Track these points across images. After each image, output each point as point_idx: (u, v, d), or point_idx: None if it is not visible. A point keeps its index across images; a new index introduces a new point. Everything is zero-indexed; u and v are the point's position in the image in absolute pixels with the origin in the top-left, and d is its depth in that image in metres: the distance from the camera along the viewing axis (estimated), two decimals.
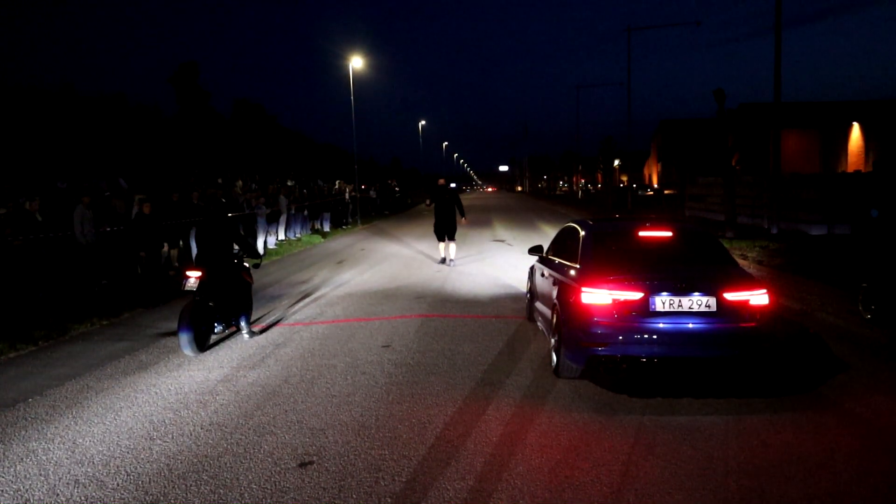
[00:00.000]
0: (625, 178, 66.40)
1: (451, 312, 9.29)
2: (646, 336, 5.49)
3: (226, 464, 4.45)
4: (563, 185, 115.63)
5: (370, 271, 13.75)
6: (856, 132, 44.12)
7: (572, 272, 6.26)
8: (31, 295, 10.16)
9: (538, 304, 7.78)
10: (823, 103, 50.07)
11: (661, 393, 5.69)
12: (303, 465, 4.41)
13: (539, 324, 7.75)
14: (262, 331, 8.34)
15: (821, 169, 44.64)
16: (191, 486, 4.15)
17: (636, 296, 5.53)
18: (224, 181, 23.66)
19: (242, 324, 7.93)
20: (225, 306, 7.69)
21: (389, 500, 3.90)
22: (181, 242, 14.31)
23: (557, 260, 7.09)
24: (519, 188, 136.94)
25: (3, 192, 13.63)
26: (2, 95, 27.33)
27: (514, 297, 10.23)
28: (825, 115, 46.24)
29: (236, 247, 8.05)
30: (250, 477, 4.25)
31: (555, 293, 6.55)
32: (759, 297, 5.57)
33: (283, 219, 19.62)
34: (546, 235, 18.25)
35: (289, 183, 24.61)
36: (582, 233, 6.71)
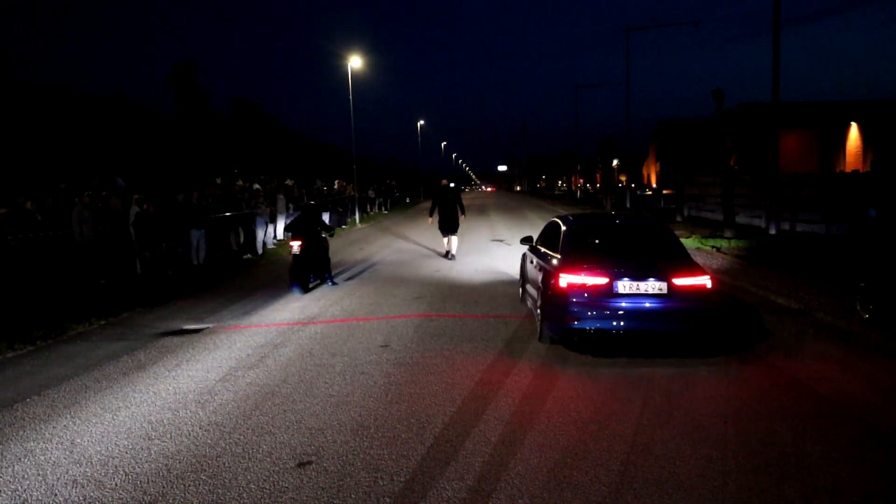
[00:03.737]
0: (623, 178, 66.46)
1: (449, 312, 9.29)
2: (610, 313, 6.70)
3: (224, 464, 4.44)
4: (561, 185, 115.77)
5: (370, 270, 13.74)
6: (854, 132, 44.15)
7: (554, 261, 7.50)
8: (32, 295, 10.14)
9: (528, 287, 9.09)
10: (822, 103, 50.13)
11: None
12: (301, 465, 4.40)
13: (528, 303, 9.05)
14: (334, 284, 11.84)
15: (819, 169, 44.68)
16: (189, 486, 4.14)
17: (603, 281, 6.77)
18: (223, 181, 23.63)
19: (326, 276, 11.88)
20: (315, 265, 11.55)
21: (388, 500, 3.90)
22: (195, 241, 14.31)
23: (543, 250, 8.35)
24: (518, 188, 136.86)
25: (3, 191, 13.61)
26: (1, 94, 27.29)
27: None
28: (824, 115, 46.28)
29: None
30: (249, 477, 4.24)
31: (540, 278, 7.82)
32: (702, 282, 6.81)
33: (281, 218, 19.60)
34: None
35: (287, 182, 24.58)
36: (563, 228, 7.99)
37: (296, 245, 11.20)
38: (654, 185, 65.20)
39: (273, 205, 18.79)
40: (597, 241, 7.72)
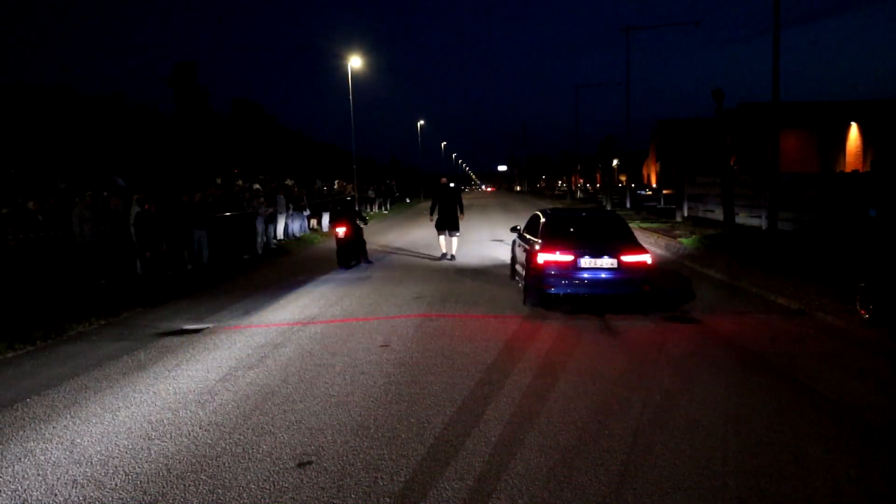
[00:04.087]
0: (623, 178, 66.44)
1: (449, 312, 9.29)
2: (576, 282, 8.95)
3: (224, 464, 4.44)
4: (561, 185, 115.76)
5: (370, 270, 13.74)
6: (854, 132, 44.16)
7: (535, 244, 9.53)
8: (32, 295, 10.14)
9: (516, 266, 11.29)
10: (822, 103, 50.13)
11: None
12: (301, 464, 4.40)
13: (516, 278, 11.24)
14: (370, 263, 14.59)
15: (819, 169, 44.69)
16: (189, 486, 4.14)
17: (570, 258, 8.97)
18: (223, 181, 23.64)
19: (363, 258, 14.54)
20: (355, 248, 14.29)
21: (388, 500, 3.90)
22: (197, 241, 14.35)
23: (527, 236, 10.45)
24: (518, 188, 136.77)
25: (4, 191, 13.61)
26: (1, 94, 27.29)
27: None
28: (824, 114, 46.29)
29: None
30: (249, 477, 4.24)
31: (524, 257, 10.11)
32: (643, 259, 9.03)
33: (281, 218, 19.60)
34: None
35: (287, 182, 24.61)
36: (542, 219, 10.20)
37: (341, 231, 13.83)
38: (655, 185, 65.21)
39: (273, 205, 18.79)
40: (567, 229, 9.90)
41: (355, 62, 31.16)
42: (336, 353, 7.19)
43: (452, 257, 14.95)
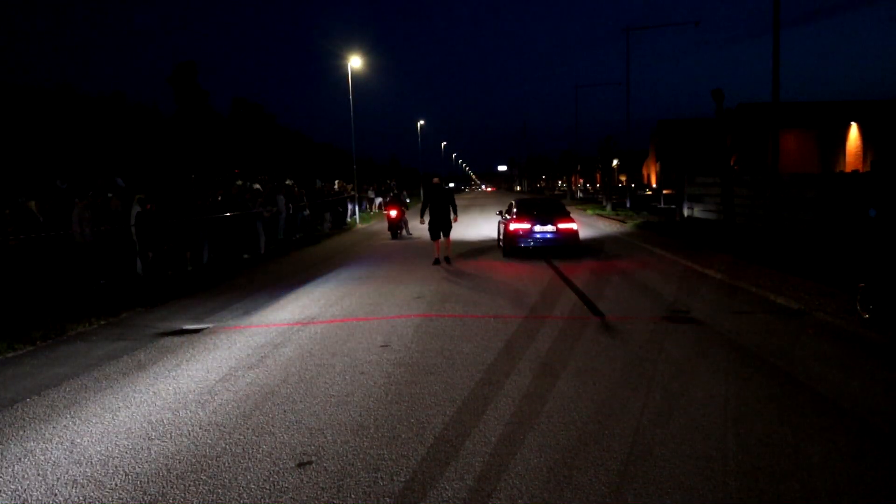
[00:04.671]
0: (623, 178, 66.44)
1: (449, 312, 9.29)
2: (531, 241, 15.06)
3: (224, 464, 4.44)
4: (561, 184, 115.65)
5: (370, 270, 13.74)
6: (854, 132, 44.14)
7: (509, 220, 15.75)
8: (32, 295, 10.13)
9: (500, 235, 17.13)
10: (822, 103, 50.08)
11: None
12: (301, 464, 4.40)
13: (500, 243, 16.97)
14: (409, 235, 21.52)
15: (819, 169, 44.67)
16: (189, 486, 4.14)
17: (528, 226, 15.05)
18: (223, 180, 23.66)
19: (406, 232, 22.39)
20: (401, 224, 21.82)
21: (388, 500, 3.90)
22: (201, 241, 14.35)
23: (505, 215, 16.66)
24: (518, 188, 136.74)
25: (4, 192, 13.60)
26: (1, 95, 27.28)
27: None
28: (824, 114, 46.25)
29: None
30: (249, 477, 4.24)
31: (502, 228, 16.47)
32: (571, 226, 15.20)
33: (282, 218, 19.60)
34: None
35: (287, 182, 24.64)
36: (513, 204, 16.47)
37: (393, 213, 21.29)
38: (655, 185, 65.18)
39: (274, 205, 18.79)
40: (527, 209, 15.86)
41: (355, 62, 31.16)
42: (336, 353, 7.19)
43: (448, 260, 14.41)
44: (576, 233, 15.22)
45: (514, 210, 15.72)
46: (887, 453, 4.45)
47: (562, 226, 15.02)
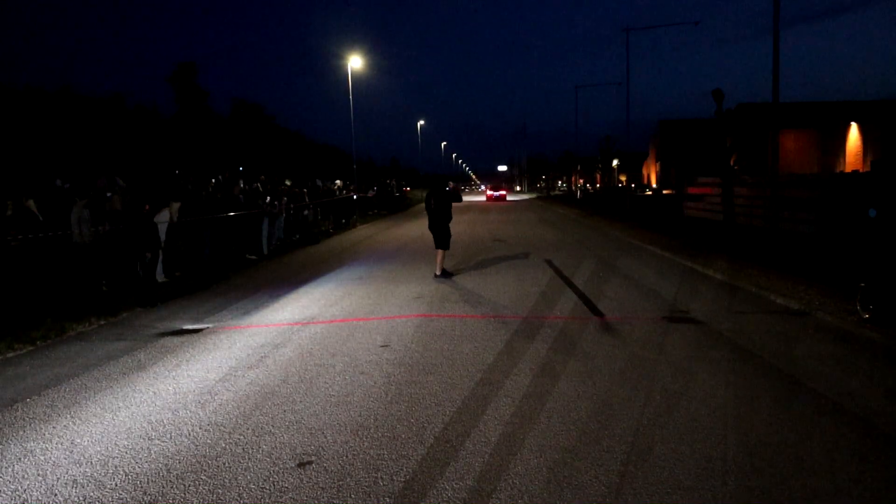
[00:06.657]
0: (623, 178, 66.47)
1: (449, 312, 9.29)
2: (494, 198, 63.99)
3: (224, 464, 4.44)
4: (561, 184, 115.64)
5: (370, 270, 13.74)
6: (854, 132, 44.15)
7: (486, 190, 72.92)
8: (32, 295, 10.13)
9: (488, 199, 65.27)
10: (822, 103, 50.07)
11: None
12: (301, 464, 4.40)
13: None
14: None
15: (819, 169, 44.68)
16: (189, 486, 4.14)
17: (493, 193, 65.19)
18: (223, 180, 23.64)
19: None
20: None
21: (388, 500, 3.90)
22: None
23: (487, 190, 70.90)
24: (517, 188, 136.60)
25: (5, 192, 13.59)
26: (1, 95, 27.29)
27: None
28: (823, 115, 46.26)
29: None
30: (249, 477, 4.24)
31: (484, 197, 68.75)
32: (503, 193, 65.54)
33: (282, 219, 19.60)
34: (551, 243, 18.61)
35: (287, 182, 24.67)
36: (486, 188, 76.57)
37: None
38: (655, 186, 65.18)
39: (275, 206, 18.80)
40: (495, 188, 67.54)
41: (355, 62, 31.17)
42: (336, 353, 7.19)
43: (445, 273, 12.41)
44: (506, 196, 47.29)
45: (490, 189, 41.31)
46: (888, 453, 4.45)
47: (502, 192, 45.75)
